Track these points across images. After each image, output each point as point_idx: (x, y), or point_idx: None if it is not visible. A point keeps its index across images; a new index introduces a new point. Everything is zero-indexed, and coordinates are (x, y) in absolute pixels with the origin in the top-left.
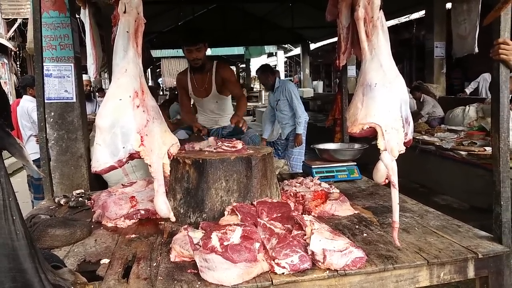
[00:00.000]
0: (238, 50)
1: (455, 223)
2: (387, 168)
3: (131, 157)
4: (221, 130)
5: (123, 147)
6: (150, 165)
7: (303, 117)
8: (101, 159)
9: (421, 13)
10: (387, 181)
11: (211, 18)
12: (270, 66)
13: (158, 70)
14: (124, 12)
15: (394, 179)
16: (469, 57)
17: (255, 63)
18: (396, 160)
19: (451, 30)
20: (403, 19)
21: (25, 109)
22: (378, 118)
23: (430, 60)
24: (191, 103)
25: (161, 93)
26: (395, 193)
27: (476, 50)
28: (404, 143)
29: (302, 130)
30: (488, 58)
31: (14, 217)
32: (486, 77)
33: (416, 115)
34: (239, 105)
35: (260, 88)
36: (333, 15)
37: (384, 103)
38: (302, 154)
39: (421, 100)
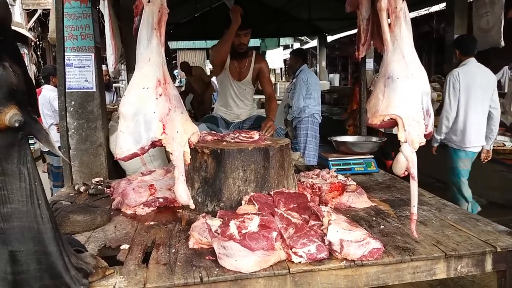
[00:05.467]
0: (254, 42)
1: (473, 216)
2: (407, 160)
3: (153, 144)
4: (242, 124)
5: (146, 135)
6: (171, 153)
7: (295, 111)
8: (124, 146)
9: (442, 5)
10: (406, 173)
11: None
12: (305, 52)
13: (174, 62)
14: (148, 1)
15: (414, 171)
16: (489, 51)
17: (271, 55)
18: None
19: (472, 23)
20: (422, 11)
21: (47, 98)
22: (400, 109)
23: (450, 53)
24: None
25: (176, 84)
26: (414, 185)
27: (503, 43)
28: (425, 135)
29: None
30: (509, 51)
31: (40, 201)
32: (509, 70)
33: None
34: (271, 106)
35: (275, 81)
36: (353, 6)
37: (406, 95)
38: (317, 145)
39: None
